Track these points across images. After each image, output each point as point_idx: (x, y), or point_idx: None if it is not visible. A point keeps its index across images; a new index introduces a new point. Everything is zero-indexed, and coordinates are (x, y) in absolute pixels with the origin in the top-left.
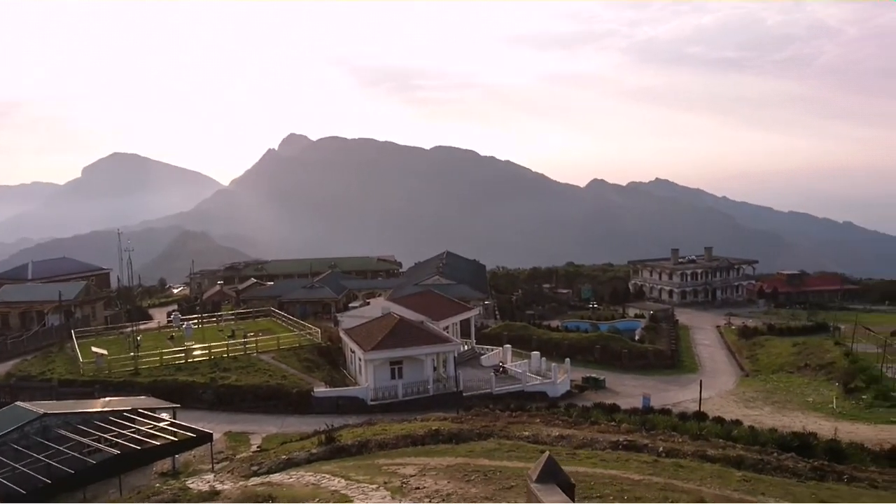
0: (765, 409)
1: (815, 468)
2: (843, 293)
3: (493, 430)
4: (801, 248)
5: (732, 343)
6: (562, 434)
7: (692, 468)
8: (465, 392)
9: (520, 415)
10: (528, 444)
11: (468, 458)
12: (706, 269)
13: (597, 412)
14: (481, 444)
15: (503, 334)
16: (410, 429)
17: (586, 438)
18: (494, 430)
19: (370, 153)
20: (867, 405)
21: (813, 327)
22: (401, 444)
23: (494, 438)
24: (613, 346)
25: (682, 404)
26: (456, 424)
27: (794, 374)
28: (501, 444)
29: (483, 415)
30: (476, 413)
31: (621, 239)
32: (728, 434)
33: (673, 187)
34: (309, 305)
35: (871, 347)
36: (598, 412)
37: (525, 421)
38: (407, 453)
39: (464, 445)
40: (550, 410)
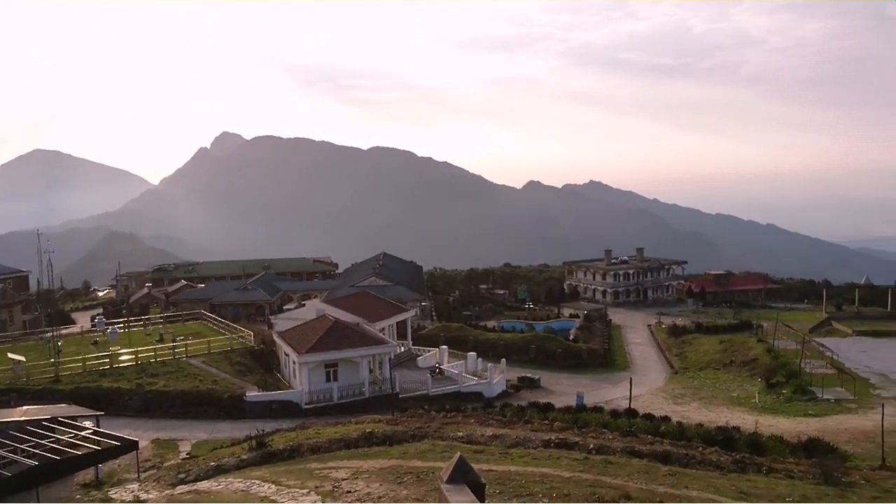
0: (692, 405)
1: (737, 461)
2: (766, 292)
3: (428, 432)
4: (727, 249)
5: (663, 341)
6: (496, 434)
7: (621, 464)
8: (402, 394)
9: (455, 415)
10: (463, 444)
11: (401, 459)
12: (638, 269)
13: (531, 411)
14: (415, 446)
15: (440, 335)
16: (344, 432)
17: (519, 437)
18: (429, 432)
19: (306, 153)
20: (787, 399)
21: (738, 325)
22: (334, 447)
23: (429, 440)
24: (548, 346)
25: (615, 402)
26: (390, 426)
27: (721, 370)
28: (435, 445)
29: (418, 416)
30: (411, 415)
31: (557, 240)
32: (657, 430)
33: (607, 190)
34: (242, 308)
35: (791, 344)
36: (532, 411)
37: (460, 421)
38: (340, 457)
39: (397, 447)
40: (486, 410)
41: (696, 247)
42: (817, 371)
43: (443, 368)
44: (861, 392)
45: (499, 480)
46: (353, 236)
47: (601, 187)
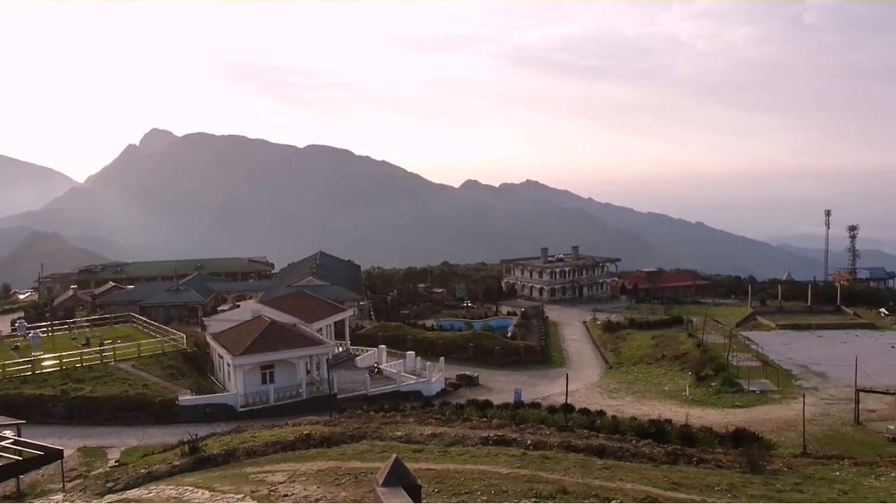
0: (626, 399)
1: (669, 453)
2: (696, 288)
3: (366, 432)
4: (658, 247)
5: (598, 337)
6: (434, 432)
7: (558, 459)
8: (340, 394)
9: (394, 415)
10: (401, 444)
11: (339, 461)
12: (573, 267)
13: (470, 409)
14: (353, 447)
15: (378, 335)
16: (281, 434)
17: (458, 435)
18: (367, 432)
19: (240, 151)
20: (715, 391)
21: (669, 321)
22: (270, 450)
23: (367, 440)
24: (487, 344)
25: (552, 397)
26: (328, 428)
27: (653, 364)
28: (374, 445)
29: (356, 417)
30: (349, 415)
31: (494, 238)
32: (592, 424)
33: (543, 189)
34: (174, 309)
35: (719, 338)
36: (471, 409)
37: (399, 421)
38: (276, 460)
39: (335, 449)
40: (425, 409)
41: (628, 245)
42: (744, 364)
43: (381, 368)
44: (784, 383)
45: (437, 479)
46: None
47: (538, 186)
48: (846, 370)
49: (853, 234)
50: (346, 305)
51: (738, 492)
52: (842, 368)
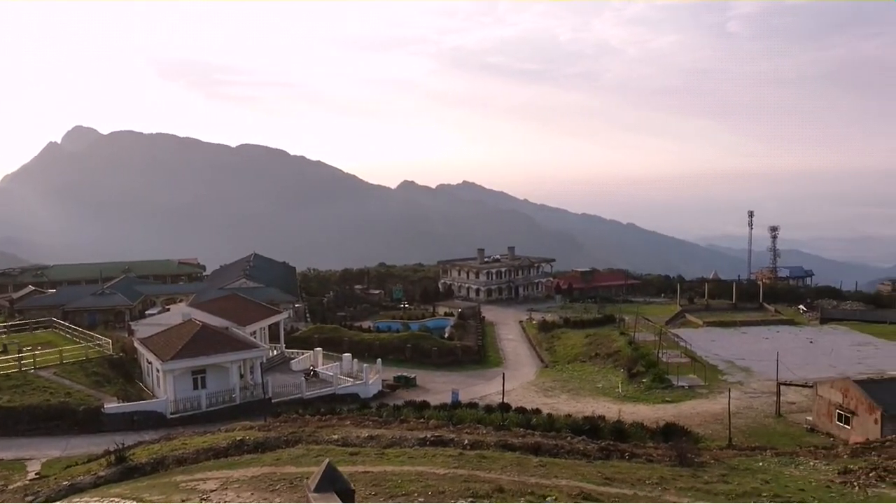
0: (562, 397)
1: (602, 448)
2: (627, 287)
3: (302, 436)
4: (592, 248)
5: (533, 337)
6: (371, 434)
7: (494, 458)
8: (275, 398)
9: (330, 418)
10: (338, 447)
11: (274, 466)
12: (510, 267)
13: (407, 410)
14: (288, 452)
15: (314, 337)
16: (213, 441)
17: (395, 437)
18: (303, 436)
19: (171, 150)
20: (647, 388)
21: (602, 319)
22: (202, 457)
23: (303, 444)
24: (424, 345)
25: (488, 397)
26: (262, 433)
27: (587, 362)
28: (310, 449)
29: (292, 421)
30: (284, 419)
31: (431, 239)
32: (528, 423)
33: (479, 190)
34: (99, 314)
35: (650, 336)
36: (408, 410)
37: (335, 424)
38: (208, 467)
39: (270, 454)
40: (362, 411)
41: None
42: (673, 360)
43: (317, 371)
44: (711, 378)
45: (374, 482)
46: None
47: (474, 188)
48: (768, 365)
49: (774, 234)
50: (281, 308)
51: (668, 484)
52: (764, 363)
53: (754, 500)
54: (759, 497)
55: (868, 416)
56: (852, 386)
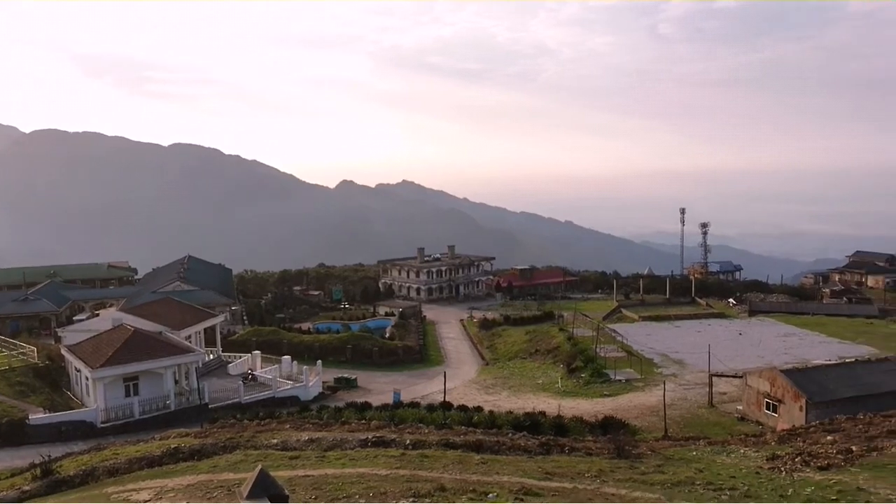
0: (503, 394)
1: (543, 444)
2: (566, 284)
3: (240, 442)
4: (531, 245)
5: (474, 335)
6: (312, 437)
7: (436, 457)
8: (212, 404)
9: (269, 422)
10: (277, 451)
11: (211, 474)
12: (450, 266)
13: (348, 412)
14: (226, 458)
15: (252, 340)
16: (147, 449)
17: (336, 439)
18: (241, 442)
19: (98, 149)
20: (585, 382)
21: (542, 316)
22: (135, 467)
23: (241, 450)
24: (365, 345)
25: (430, 396)
26: (199, 439)
27: (527, 359)
28: (248, 454)
29: (229, 426)
30: (222, 425)
31: (371, 239)
32: (470, 420)
33: (419, 189)
34: (22, 321)
35: (588, 331)
36: (349, 412)
37: (274, 428)
38: (142, 477)
39: (207, 461)
40: (302, 414)
41: (502, 243)
42: (610, 355)
43: (255, 374)
44: (647, 371)
45: (315, 485)
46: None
47: (414, 187)
48: (701, 357)
49: (705, 230)
50: (217, 311)
51: (607, 477)
52: (697, 355)
53: (688, 489)
54: (693, 485)
55: (794, 404)
56: (779, 375)
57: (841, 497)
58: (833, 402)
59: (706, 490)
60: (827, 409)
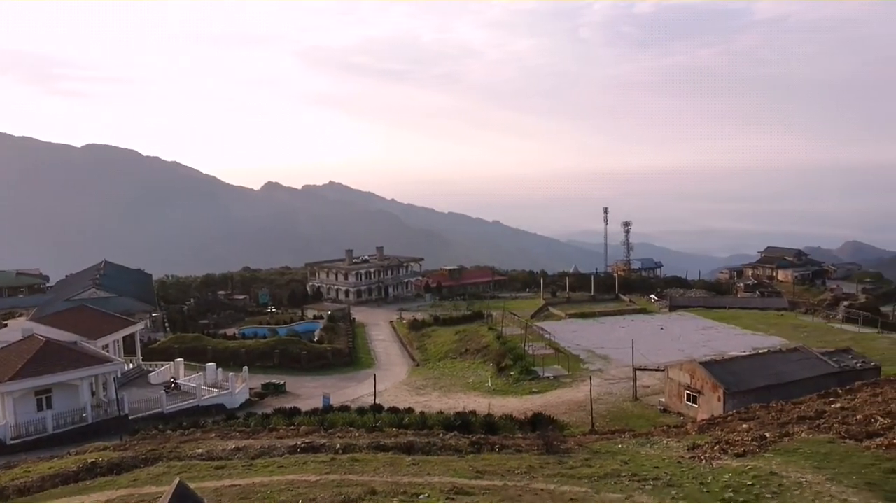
0: (433, 394)
1: (474, 443)
2: (494, 283)
3: (162, 454)
4: (459, 245)
5: (404, 336)
6: (238, 446)
7: (367, 460)
8: (132, 415)
9: (193, 432)
10: (202, 462)
11: (131, 488)
12: (379, 268)
13: (277, 418)
14: (148, 471)
15: (174, 347)
16: (61, 465)
17: (264, 447)
18: (163, 454)
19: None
20: (515, 380)
21: (471, 316)
22: (48, 484)
23: (163, 462)
24: (293, 350)
25: (361, 399)
26: (118, 453)
27: (457, 359)
28: (171, 466)
29: (151, 438)
30: (143, 437)
31: (298, 241)
32: (401, 422)
33: (346, 190)
34: None
35: (516, 330)
36: (277, 418)
37: (199, 438)
38: (56, 495)
39: (127, 475)
40: (228, 423)
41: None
42: (539, 352)
43: (178, 383)
44: (574, 368)
45: (242, 495)
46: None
47: (341, 188)
48: (625, 352)
49: (627, 229)
50: (137, 318)
51: (536, 472)
52: (621, 351)
53: (614, 481)
54: (618, 477)
55: (712, 395)
56: (698, 367)
57: (756, 482)
58: (748, 391)
59: (631, 481)
60: (743, 399)
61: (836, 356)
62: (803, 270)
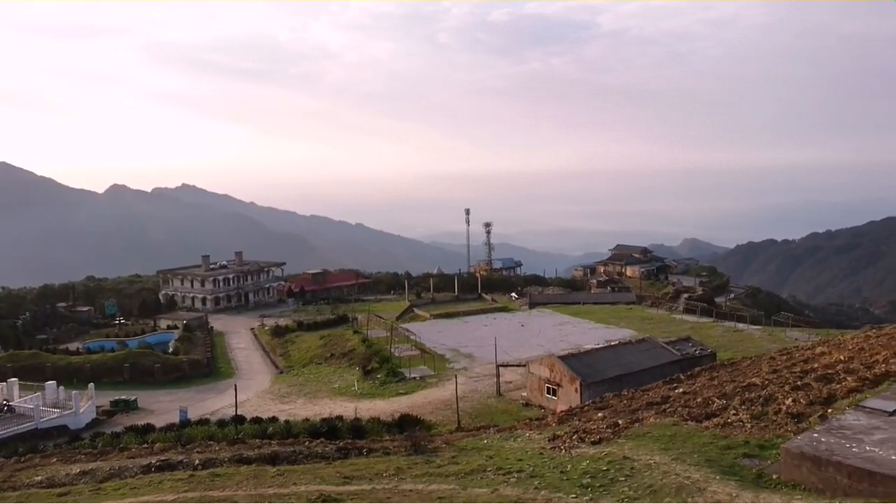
0: (299, 402)
1: (341, 448)
2: (359, 286)
3: None
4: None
5: (266, 343)
6: (84, 469)
7: (229, 474)
8: None
9: (31, 458)
10: (42, 490)
11: None
12: (238, 273)
13: (128, 436)
14: None
15: (7, 367)
16: None
17: (114, 468)
18: None
19: None
20: (381, 383)
21: (336, 320)
22: None
23: None
24: (145, 363)
25: (221, 411)
26: None
27: (323, 364)
28: (5, 497)
29: None
30: None
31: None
32: (265, 432)
33: (201, 193)
34: None
35: (382, 332)
36: (129, 436)
37: (38, 464)
38: None
39: None
40: (72, 445)
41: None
42: (405, 354)
43: (12, 405)
44: (439, 367)
45: None
46: None
47: (195, 191)
48: (488, 350)
49: (488, 230)
50: None
51: (404, 474)
52: (485, 349)
53: (481, 476)
54: (484, 472)
55: (570, 387)
56: (556, 361)
57: (611, 466)
58: (603, 381)
59: (496, 475)
60: (598, 389)
61: (678, 345)
62: (649, 266)
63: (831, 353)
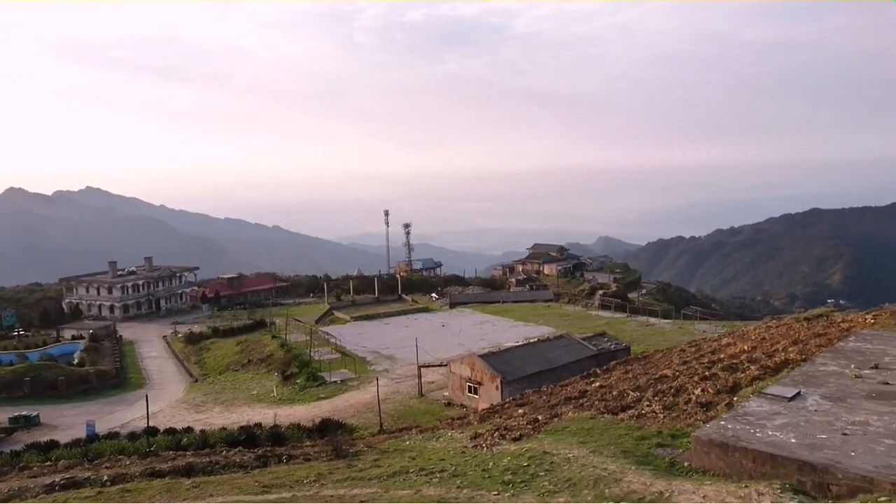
0: (215, 410)
1: (260, 456)
2: (277, 290)
3: None
4: (237, 252)
5: (180, 351)
6: None
7: (140, 489)
8: None
9: None
10: None
11: None
12: (148, 279)
13: (29, 454)
14: None
15: None
16: None
17: (14, 489)
18: None
19: None
20: (301, 387)
21: (253, 325)
22: None
23: None
24: (47, 375)
25: (132, 423)
26: None
27: (240, 371)
28: None
29: None
30: None
31: (50, 254)
32: (179, 443)
33: (107, 196)
34: None
35: (301, 336)
36: (30, 454)
37: None
38: None
39: None
40: None
41: (206, 251)
42: (325, 357)
43: None
44: (361, 370)
45: None
46: None
47: (100, 193)
48: (410, 350)
49: (408, 230)
50: None
51: (326, 479)
52: (406, 350)
53: (403, 477)
54: (407, 474)
55: (491, 385)
56: (477, 360)
57: (531, 462)
58: (522, 378)
59: (419, 476)
60: (518, 386)
61: (594, 340)
62: (565, 264)
63: (736, 343)
